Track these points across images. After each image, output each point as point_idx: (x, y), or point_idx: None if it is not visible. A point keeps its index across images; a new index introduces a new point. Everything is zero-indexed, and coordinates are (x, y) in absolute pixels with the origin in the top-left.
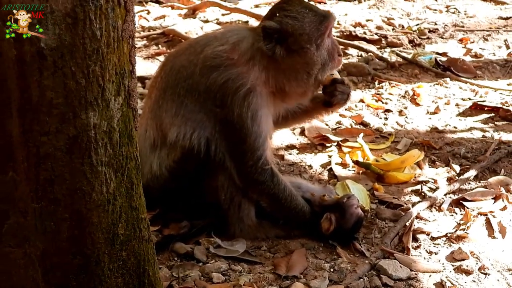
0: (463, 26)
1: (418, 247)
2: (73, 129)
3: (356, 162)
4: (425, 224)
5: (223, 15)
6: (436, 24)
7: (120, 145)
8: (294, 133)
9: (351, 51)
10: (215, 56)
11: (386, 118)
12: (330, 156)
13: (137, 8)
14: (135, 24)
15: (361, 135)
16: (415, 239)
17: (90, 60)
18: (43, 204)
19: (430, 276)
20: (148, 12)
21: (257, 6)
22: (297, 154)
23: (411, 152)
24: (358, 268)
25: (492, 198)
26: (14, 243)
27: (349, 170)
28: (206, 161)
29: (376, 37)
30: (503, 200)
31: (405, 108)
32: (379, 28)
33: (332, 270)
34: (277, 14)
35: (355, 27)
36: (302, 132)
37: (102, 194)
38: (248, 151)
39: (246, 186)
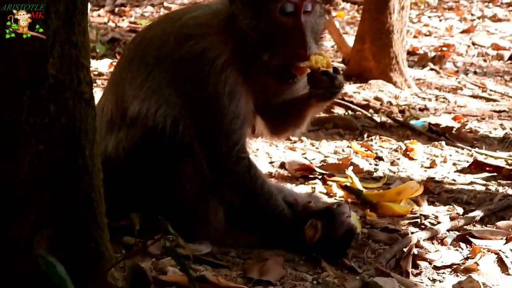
0: (455, 111)
1: (419, 274)
2: None
3: (345, 187)
4: (426, 253)
5: None
6: (426, 106)
7: None
8: (273, 166)
9: (337, 110)
10: (194, 24)
11: (376, 165)
12: (313, 188)
13: None
14: None
15: (350, 168)
16: (415, 266)
17: None
18: None
19: None
20: None
21: None
22: (275, 183)
23: (408, 183)
24: (347, 283)
25: (503, 239)
26: None
27: (335, 199)
28: (170, 145)
29: (364, 103)
30: None
31: (398, 159)
32: (366, 100)
33: (315, 282)
34: None
35: (341, 97)
36: (282, 166)
37: None
38: (222, 135)
39: (217, 178)
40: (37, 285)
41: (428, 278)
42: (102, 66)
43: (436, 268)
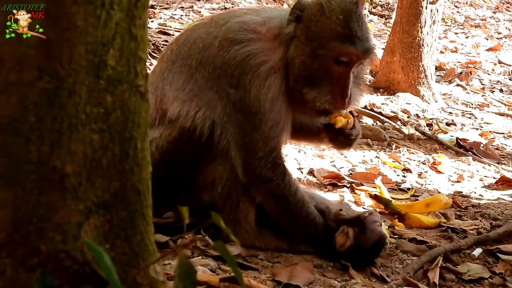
0: (481, 127)
1: (446, 286)
2: None
3: (375, 197)
4: (453, 266)
5: None
6: (453, 121)
7: None
8: (301, 172)
9: (366, 119)
10: (240, 29)
11: (404, 176)
12: (342, 196)
13: None
14: None
15: (379, 178)
16: (442, 278)
17: None
18: None
19: None
20: None
21: None
22: (307, 190)
23: (438, 196)
24: None
25: None
26: None
27: (364, 208)
28: (206, 147)
29: (391, 114)
30: None
31: (425, 172)
32: (394, 112)
33: None
34: None
35: (370, 108)
36: (311, 172)
37: None
38: (260, 141)
39: (250, 183)
40: (81, 274)
41: None
42: None
43: (463, 281)
